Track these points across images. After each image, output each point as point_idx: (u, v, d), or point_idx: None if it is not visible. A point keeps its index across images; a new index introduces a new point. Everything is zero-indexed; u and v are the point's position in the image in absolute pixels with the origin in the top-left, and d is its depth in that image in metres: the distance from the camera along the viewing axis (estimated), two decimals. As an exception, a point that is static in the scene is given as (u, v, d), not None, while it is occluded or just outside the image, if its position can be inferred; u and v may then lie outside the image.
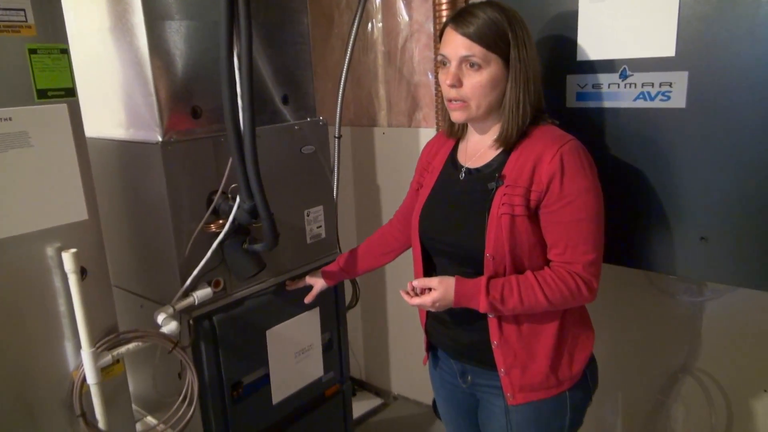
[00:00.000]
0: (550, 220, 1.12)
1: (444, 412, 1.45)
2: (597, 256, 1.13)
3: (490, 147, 1.20)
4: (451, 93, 1.16)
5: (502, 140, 1.16)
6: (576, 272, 1.11)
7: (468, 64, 1.13)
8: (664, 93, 1.22)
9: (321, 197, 1.73)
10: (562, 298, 1.11)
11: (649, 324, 1.82)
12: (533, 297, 1.11)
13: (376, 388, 2.76)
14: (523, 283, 1.12)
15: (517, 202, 1.12)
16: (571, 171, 1.10)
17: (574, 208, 1.10)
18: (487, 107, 1.15)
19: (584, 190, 1.10)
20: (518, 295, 1.11)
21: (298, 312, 1.67)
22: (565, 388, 1.21)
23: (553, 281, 1.11)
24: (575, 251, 1.11)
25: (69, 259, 1.11)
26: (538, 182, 1.11)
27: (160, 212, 1.37)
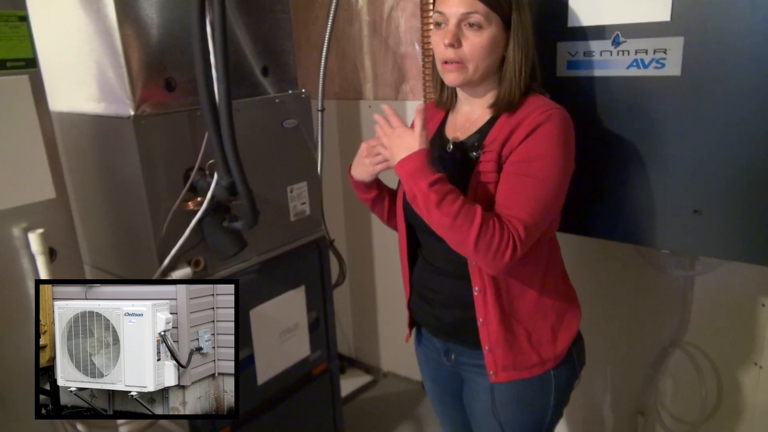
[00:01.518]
0: (506, 171, 1.07)
1: (429, 389, 1.42)
2: (532, 223, 1.03)
3: (479, 117, 1.16)
4: (447, 53, 1.09)
5: (503, 105, 1.11)
6: (514, 230, 1.02)
7: (468, 24, 1.07)
8: (658, 60, 1.17)
9: (304, 173, 1.68)
10: (487, 247, 1.00)
11: (639, 298, 1.80)
12: (468, 222, 1.00)
13: (366, 365, 2.74)
14: (469, 205, 1.02)
15: (489, 168, 1.07)
16: (544, 133, 1.05)
17: (533, 167, 1.05)
18: (484, 71, 1.10)
19: (550, 155, 1.05)
20: (458, 208, 1.00)
21: (283, 291, 1.63)
22: (549, 368, 1.18)
23: (494, 226, 1.00)
24: (513, 206, 1.03)
25: (36, 239, 1.06)
26: (510, 144, 1.07)
27: (135, 189, 1.31)
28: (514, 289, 1.13)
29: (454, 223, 1.01)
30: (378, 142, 1.16)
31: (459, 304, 1.18)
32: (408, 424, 2.31)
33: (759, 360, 1.64)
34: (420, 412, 2.38)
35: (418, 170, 1.03)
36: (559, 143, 1.05)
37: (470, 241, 1.00)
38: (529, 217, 1.03)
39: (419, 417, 2.35)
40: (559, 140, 1.06)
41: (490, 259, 1.02)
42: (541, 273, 1.16)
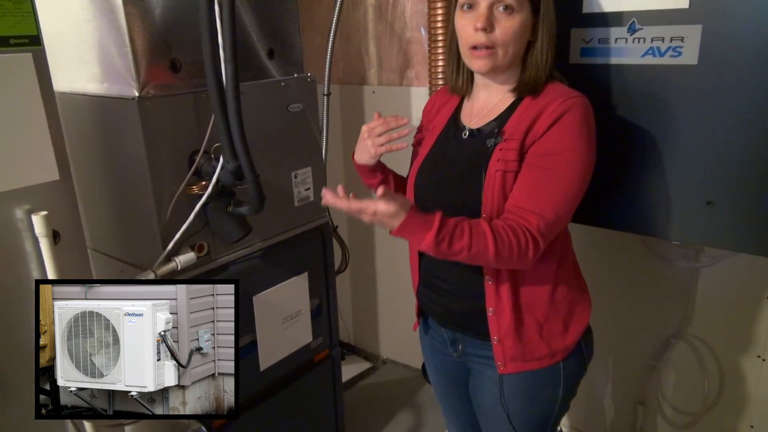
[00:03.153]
0: (527, 163, 1.06)
1: (435, 380, 1.42)
2: (554, 219, 1.04)
3: (498, 104, 1.14)
4: (478, 37, 1.07)
5: (527, 89, 1.10)
6: (527, 227, 1.02)
7: (502, 7, 1.05)
8: (674, 48, 1.15)
9: (309, 158, 1.66)
10: (509, 255, 1.02)
11: (643, 289, 1.80)
12: (483, 245, 1.01)
13: (365, 352, 2.74)
14: (476, 228, 1.02)
15: (511, 156, 1.05)
16: (566, 125, 1.04)
17: (554, 160, 1.04)
18: (512, 56, 1.09)
19: (573, 148, 1.04)
20: (468, 239, 1.01)
21: (286, 277, 1.61)
22: (558, 359, 1.17)
23: (506, 233, 1.02)
24: (536, 201, 1.03)
25: (39, 221, 1.03)
26: (534, 133, 1.05)
27: (139, 172, 1.29)
28: (527, 280, 1.12)
29: (471, 252, 1.01)
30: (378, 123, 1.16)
31: (468, 294, 1.17)
32: (407, 412, 2.32)
33: (762, 353, 1.64)
34: (419, 399, 2.39)
35: (416, 229, 0.99)
36: (582, 135, 1.04)
37: (491, 259, 1.02)
38: (551, 212, 1.03)
39: (419, 404, 2.36)
40: (583, 132, 1.04)
41: (516, 262, 1.04)
42: (554, 264, 1.14)
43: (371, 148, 1.21)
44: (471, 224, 1.02)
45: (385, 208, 0.96)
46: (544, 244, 1.03)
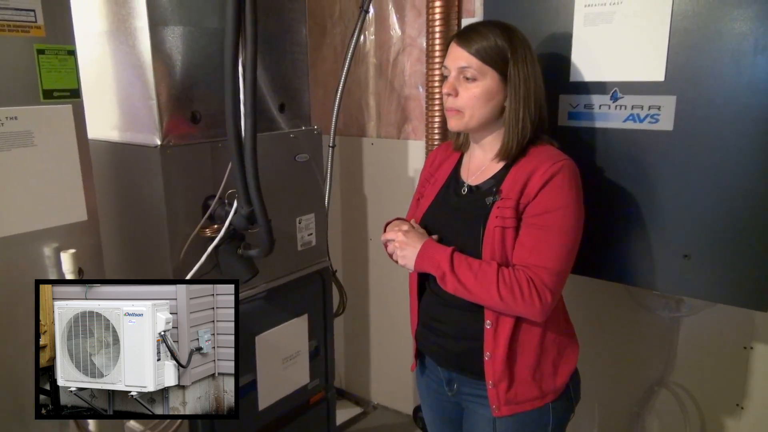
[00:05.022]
0: (526, 223, 1.16)
1: (430, 421, 1.47)
2: (559, 270, 1.14)
3: (491, 163, 1.25)
4: (447, 101, 1.22)
5: (503, 154, 1.21)
6: (532, 278, 1.12)
7: (464, 76, 1.18)
8: (652, 116, 1.27)
9: (313, 205, 1.75)
10: (513, 300, 1.12)
11: (627, 337, 1.88)
12: (487, 285, 1.13)
13: (356, 397, 2.76)
14: (484, 269, 1.14)
15: (508, 214, 1.16)
16: (557, 185, 1.14)
17: (551, 217, 1.14)
18: (481, 118, 1.20)
19: (564, 205, 1.14)
20: (474, 276, 1.14)
21: (288, 318, 1.68)
22: (548, 400, 1.24)
23: (510, 279, 1.13)
24: (539, 256, 1.14)
25: (68, 259, 1.11)
26: (527, 193, 1.16)
27: (157, 215, 1.37)
28: (523, 324, 1.20)
29: (474, 290, 1.14)
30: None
31: (466, 336, 1.25)
32: (398, 457, 2.33)
33: (741, 401, 1.71)
34: (410, 445, 2.41)
35: (433, 255, 1.19)
36: (572, 194, 1.15)
37: (494, 295, 1.13)
38: (554, 265, 1.13)
39: (409, 450, 2.38)
40: (572, 191, 1.15)
41: (521, 308, 1.13)
42: None
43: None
44: (480, 264, 1.16)
45: (405, 237, 1.23)
46: (551, 294, 1.13)
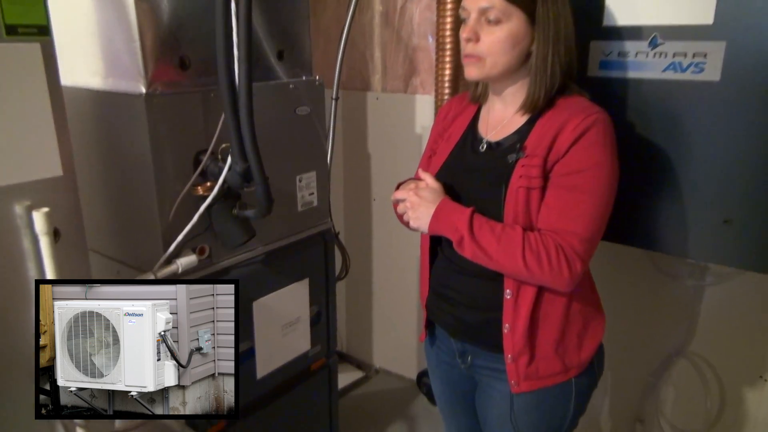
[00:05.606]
0: (554, 183, 1.04)
1: (439, 392, 1.38)
2: (589, 237, 1.03)
3: (513, 117, 1.12)
4: (467, 48, 1.07)
5: (529, 105, 1.08)
6: (562, 245, 1.01)
7: (486, 19, 1.04)
8: (697, 64, 1.14)
9: (314, 163, 1.62)
10: (539, 269, 1.01)
11: (646, 305, 1.78)
12: (512, 251, 1.01)
13: (358, 361, 2.70)
14: (508, 233, 1.02)
15: (534, 173, 1.03)
16: (590, 140, 1.02)
17: (582, 178, 1.02)
18: (504, 66, 1.06)
19: (598, 164, 1.02)
20: (497, 241, 1.02)
21: (287, 283, 1.58)
22: (572, 375, 1.15)
23: (537, 245, 1.01)
24: (567, 222, 1.02)
25: (40, 219, 0.99)
26: (557, 150, 1.03)
27: (143, 171, 1.25)
28: (546, 294, 1.09)
29: (497, 256, 1.02)
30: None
31: (483, 306, 1.14)
32: (401, 423, 2.28)
33: (765, 373, 1.63)
34: (413, 411, 2.35)
35: (450, 216, 1.06)
36: (606, 151, 1.02)
37: (519, 263, 1.01)
38: (583, 230, 1.02)
39: (412, 416, 2.32)
40: (606, 148, 1.03)
41: (548, 277, 1.02)
42: None
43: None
44: (504, 228, 1.04)
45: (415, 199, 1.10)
46: (581, 263, 1.02)
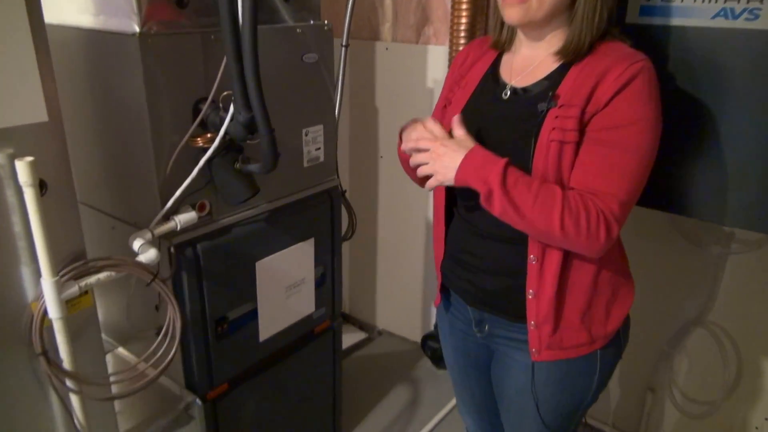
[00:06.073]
0: (592, 139, 0.94)
1: (452, 361, 1.32)
2: (627, 200, 0.94)
3: (543, 61, 1.01)
4: None
5: (570, 51, 0.97)
6: (601, 208, 0.92)
7: None
8: (751, 10, 1.02)
9: (321, 115, 1.52)
10: (576, 233, 0.91)
11: (667, 272, 1.71)
12: (548, 210, 0.90)
13: (360, 322, 2.65)
14: (546, 190, 0.92)
15: (570, 125, 0.93)
16: (635, 92, 0.91)
17: (624, 134, 0.92)
18: (550, 8, 0.95)
19: (643, 118, 0.92)
20: (533, 199, 0.91)
21: (292, 242, 1.49)
22: (597, 347, 1.07)
23: (577, 208, 0.91)
24: (606, 183, 0.93)
25: (25, 168, 0.89)
26: (596, 101, 0.93)
27: (137, 119, 1.15)
28: (574, 260, 1.01)
29: (535, 206, 0.91)
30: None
31: (504, 272, 1.06)
32: (405, 386, 2.24)
33: (786, 345, 1.58)
34: (417, 374, 2.31)
35: (483, 165, 0.93)
36: (651, 105, 0.92)
37: (556, 226, 0.91)
38: (624, 193, 0.93)
39: (416, 379, 2.28)
40: (652, 101, 0.93)
41: (583, 242, 0.93)
42: None
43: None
44: (542, 184, 0.93)
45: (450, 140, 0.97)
46: (618, 229, 0.93)
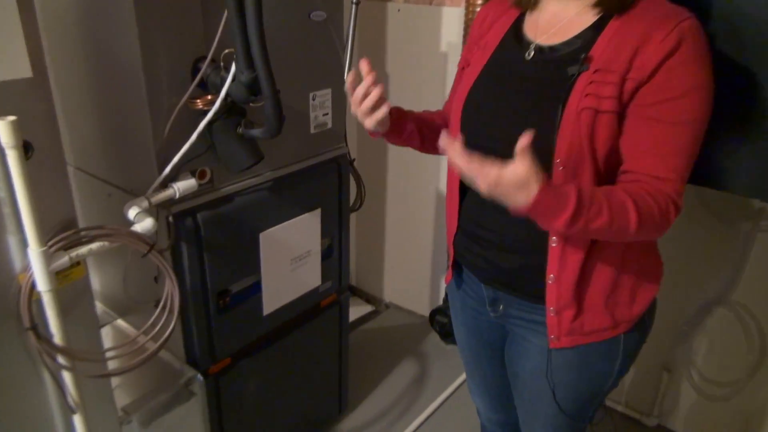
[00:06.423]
0: (643, 115, 0.85)
1: (463, 340, 1.25)
2: (687, 175, 0.87)
3: (576, 18, 0.91)
4: None
5: (614, 3, 0.87)
6: (667, 192, 0.85)
7: None
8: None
9: (329, 79, 1.43)
10: (651, 225, 0.85)
11: (690, 249, 1.63)
12: (624, 220, 0.83)
13: (367, 295, 2.60)
14: (614, 199, 0.84)
15: (607, 92, 0.84)
16: (685, 58, 0.82)
17: (679, 107, 0.84)
18: None
19: (697, 86, 0.83)
20: (609, 215, 0.82)
21: (297, 213, 1.42)
22: (620, 331, 1.00)
23: (647, 205, 0.84)
24: (666, 163, 0.85)
25: (6, 129, 0.82)
26: (639, 67, 0.83)
27: (132, 79, 1.07)
28: (599, 241, 0.93)
29: (611, 230, 0.84)
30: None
31: (523, 250, 0.99)
32: (412, 360, 2.19)
33: (814, 327, 1.50)
34: (424, 348, 2.26)
35: (550, 209, 0.80)
36: (703, 70, 0.84)
37: (631, 233, 0.85)
38: (684, 169, 0.86)
39: (424, 353, 2.23)
40: (703, 65, 0.84)
41: (653, 232, 0.88)
42: None
43: (364, 121, 0.98)
44: (607, 195, 0.84)
45: (513, 176, 0.76)
46: (681, 206, 0.87)
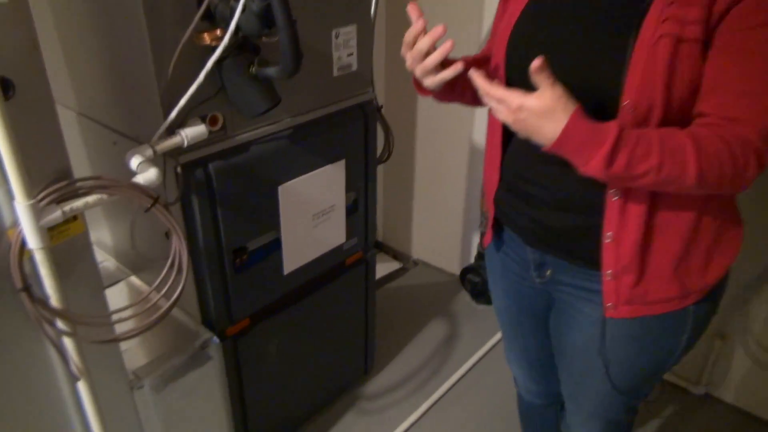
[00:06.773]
0: (724, 47, 0.70)
1: (502, 307, 1.13)
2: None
3: None
4: None
5: None
6: (746, 137, 0.70)
7: None
8: None
9: (354, 13, 1.28)
10: (719, 177, 0.71)
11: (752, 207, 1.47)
12: (680, 165, 0.70)
13: (394, 251, 2.49)
14: (669, 140, 0.71)
15: (692, 15, 0.69)
16: None
17: (764, 34, 0.68)
18: None
19: None
20: (658, 158, 0.70)
21: (320, 165, 1.30)
22: (690, 302, 0.87)
23: (715, 150, 0.70)
24: (750, 103, 0.70)
25: (-21, 63, 0.71)
26: None
27: (131, 10, 0.94)
28: (670, 197, 0.79)
29: (660, 176, 0.71)
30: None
31: (576, 207, 0.85)
32: (441, 321, 2.09)
33: None
34: (454, 307, 2.15)
35: (584, 143, 0.71)
36: None
37: (691, 183, 0.72)
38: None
39: (454, 313, 2.13)
40: None
41: (727, 186, 0.74)
42: None
43: (425, 81, 0.86)
44: (662, 136, 0.71)
45: (537, 102, 0.71)
46: (767, 157, 0.71)
